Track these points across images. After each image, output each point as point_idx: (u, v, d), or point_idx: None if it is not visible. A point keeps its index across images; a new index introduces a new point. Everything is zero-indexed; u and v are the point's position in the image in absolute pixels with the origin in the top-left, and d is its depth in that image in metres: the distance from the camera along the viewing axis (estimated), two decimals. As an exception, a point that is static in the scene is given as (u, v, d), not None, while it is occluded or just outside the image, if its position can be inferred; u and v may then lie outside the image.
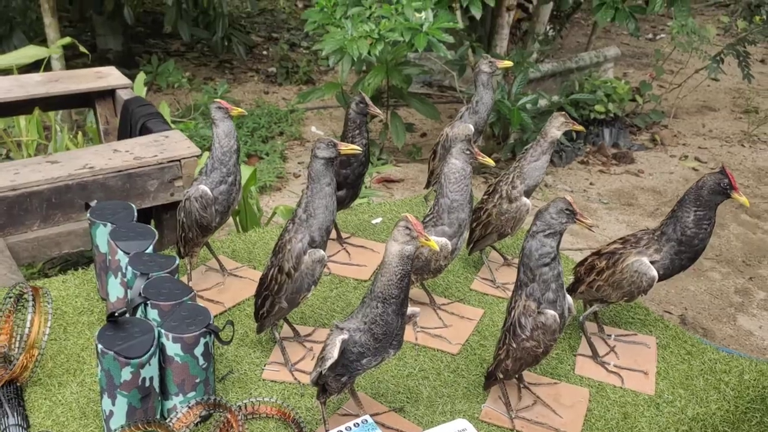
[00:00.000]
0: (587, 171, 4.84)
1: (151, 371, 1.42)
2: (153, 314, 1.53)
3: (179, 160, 2.32)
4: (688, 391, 1.68)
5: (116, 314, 1.43)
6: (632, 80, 5.87)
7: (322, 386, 1.46)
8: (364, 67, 4.56)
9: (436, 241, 1.73)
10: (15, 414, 1.45)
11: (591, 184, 4.68)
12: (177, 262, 1.66)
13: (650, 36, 7.69)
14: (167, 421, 1.44)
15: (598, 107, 4.94)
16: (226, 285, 1.96)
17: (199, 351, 1.46)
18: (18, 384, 1.54)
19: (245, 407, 1.53)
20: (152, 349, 1.41)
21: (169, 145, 2.38)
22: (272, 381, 1.67)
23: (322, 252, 1.61)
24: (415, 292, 1.96)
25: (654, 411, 1.62)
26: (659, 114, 5.42)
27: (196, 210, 1.80)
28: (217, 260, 2.01)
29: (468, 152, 1.71)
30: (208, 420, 1.52)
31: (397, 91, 4.56)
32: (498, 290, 2.03)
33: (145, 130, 2.52)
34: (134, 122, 2.57)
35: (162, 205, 2.38)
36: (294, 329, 1.79)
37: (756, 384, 1.71)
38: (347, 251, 2.15)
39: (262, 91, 5.86)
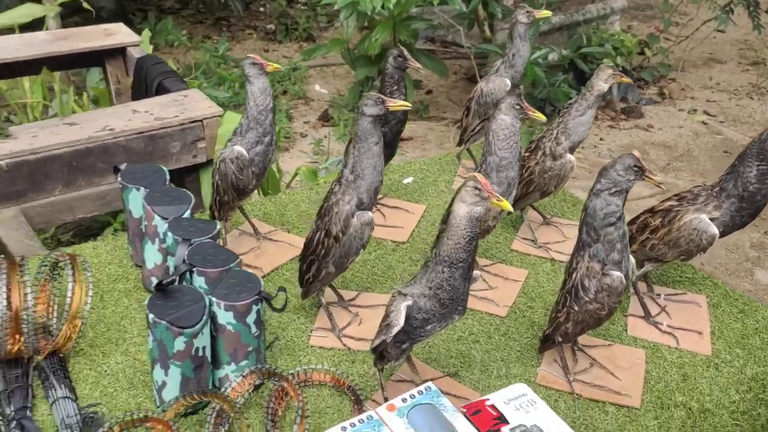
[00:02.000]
0: (597, 126, 4.77)
1: (203, 341, 1.36)
2: (199, 282, 1.46)
3: (201, 121, 2.23)
4: (745, 351, 1.65)
5: (164, 282, 1.36)
6: (637, 32, 5.76)
7: (380, 353, 1.42)
8: (365, 23, 4.42)
9: (486, 201, 1.67)
10: (62, 386, 1.39)
11: (601, 139, 4.62)
12: (218, 226, 1.59)
13: (655, -13, 7.54)
14: (222, 390, 1.39)
15: (606, 61, 4.84)
16: (262, 249, 1.90)
17: (251, 319, 1.40)
18: (61, 355, 1.48)
19: (298, 375, 1.49)
20: (204, 318, 1.35)
21: (189, 104, 2.28)
22: (320, 347, 1.62)
23: (370, 214, 1.54)
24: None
25: (713, 371, 1.59)
26: (666, 67, 5.34)
27: (231, 172, 1.72)
28: (251, 224, 1.94)
29: (518, 107, 1.64)
30: (259, 389, 1.47)
31: (404, 47, 4.44)
32: (540, 250, 1.98)
33: (161, 90, 2.42)
34: (150, 81, 2.46)
35: (184, 167, 2.29)
36: (338, 294, 1.74)
37: (810, 341, 1.69)
38: (382, 213, 2.08)
39: (262, 49, 5.70)
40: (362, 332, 1.66)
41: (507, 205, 1.26)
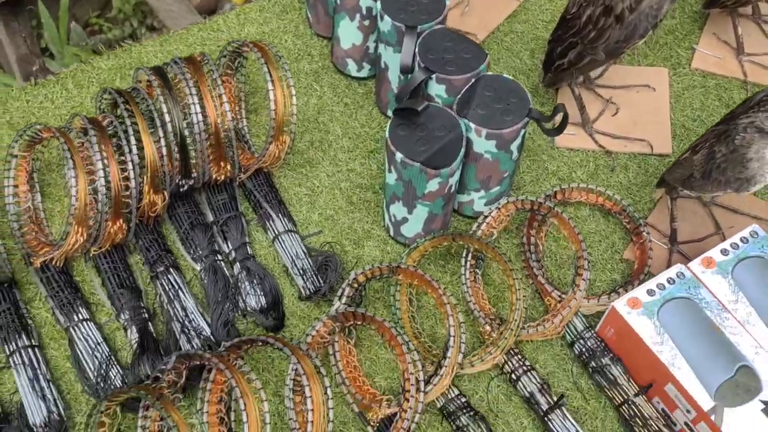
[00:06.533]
0: None
1: (457, 176, 1.07)
2: (438, 90, 1.10)
3: None
4: None
5: (419, 109, 1.01)
6: None
7: (682, 180, 1.09)
8: None
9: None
10: (279, 215, 1.17)
11: None
12: (447, 2, 1.16)
13: None
14: (473, 228, 1.13)
15: None
16: (470, 3, 1.46)
17: (515, 145, 1.07)
18: (265, 170, 1.23)
19: (555, 195, 1.20)
20: (462, 151, 1.03)
21: None
22: (568, 149, 1.29)
23: (674, -20, 1.07)
24: None
25: None
26: None
27: None
28: (453, -34, 1.46)
29: None
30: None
31: None
32: None
33: None
34: None
35: None
36: (585, 73, 1.34)
37: None
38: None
39: None
40: (619, 126, 1.31)
41: None
